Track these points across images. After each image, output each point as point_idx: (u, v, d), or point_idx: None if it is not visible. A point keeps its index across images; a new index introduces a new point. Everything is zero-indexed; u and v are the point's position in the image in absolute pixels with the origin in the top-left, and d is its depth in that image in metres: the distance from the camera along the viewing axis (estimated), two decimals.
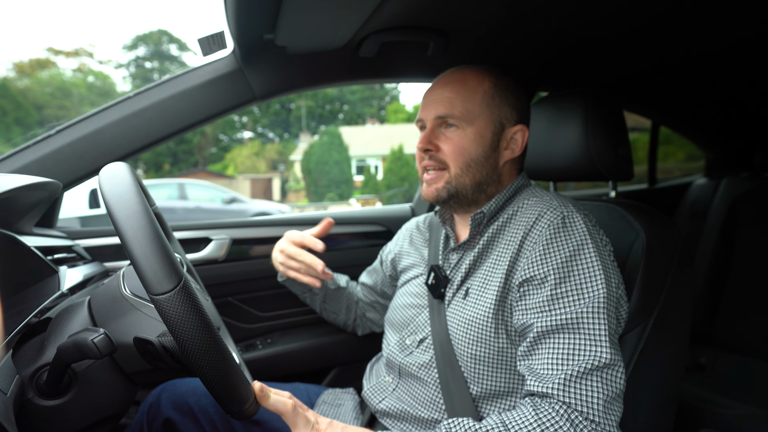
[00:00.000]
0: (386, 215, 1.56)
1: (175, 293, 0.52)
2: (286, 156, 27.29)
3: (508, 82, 0.91)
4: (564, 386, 0.69)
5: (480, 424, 0.70)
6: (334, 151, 19.16)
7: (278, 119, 30.88)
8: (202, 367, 0.54)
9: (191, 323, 0.52)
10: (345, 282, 1.25)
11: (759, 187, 1.84)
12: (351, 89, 30.52)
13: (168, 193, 10.25)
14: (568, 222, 0.79)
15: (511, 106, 0.90)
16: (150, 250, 0.52)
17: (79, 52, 26.44)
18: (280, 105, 30.15)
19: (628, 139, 1.00)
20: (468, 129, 0.87)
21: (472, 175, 0.89)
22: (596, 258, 0.76)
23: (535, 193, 0.90)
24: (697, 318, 1.79)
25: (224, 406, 0.58)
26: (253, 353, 1.33)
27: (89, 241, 1.18)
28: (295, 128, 30.58)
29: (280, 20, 0.91)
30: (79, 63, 25.76)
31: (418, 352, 0.92)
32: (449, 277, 0.93)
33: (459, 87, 0.88)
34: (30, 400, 0.60)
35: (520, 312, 0.78)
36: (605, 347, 0.70)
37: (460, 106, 0.87)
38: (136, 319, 0.66)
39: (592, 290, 0.73)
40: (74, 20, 40.44)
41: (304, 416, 0.68)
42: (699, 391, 1.51)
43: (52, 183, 0.86)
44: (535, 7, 0.95)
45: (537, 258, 0.78)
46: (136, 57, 31.17)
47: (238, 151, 27.96)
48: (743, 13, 1.04)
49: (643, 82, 1.66)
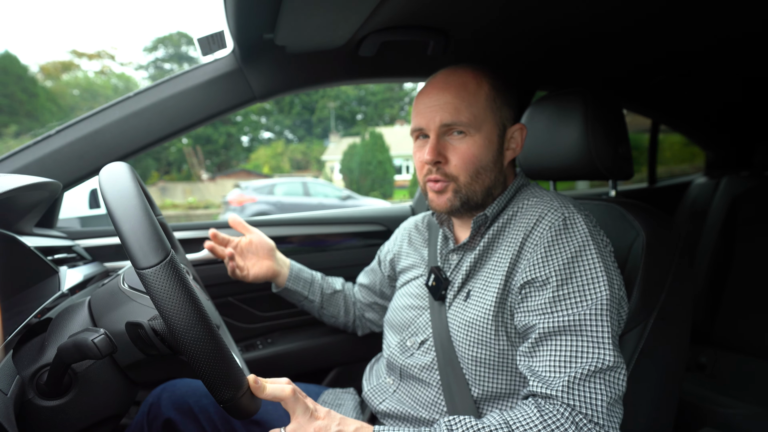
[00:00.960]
0: (386, 215, 1.56)
1: (161, 267, 0.52)
2: (309, 156, 27.64)
3: (503, 81, 0.90)
4: (568, 389, 0.68)
5: (482, 422, 0.70)
6: (377, 152, 19.63)
7: (301, 120, 31.09)
8: (188, 345, 0.53)
9: (177, 298, 0.52)
10: (340, 284, 1.24)
11: (759, 186, 1.84)
12: (372, 91, 30.70)
13: (294, 189, 11.12)
14: (569, 223, 0.79)
15: (510, 106, 0.89)
16: (138, 225, 0.53)
17: (101, 55, 26.94)
18: (302, 106, 30.40)
19: (627, 139, 1.00)
20: (476, 135, 0.84)
21: (482, 181, 0.86)
22: (598, 259, 0.75)
23: (535, 192, 0.90)
24: (697, 317, 1.79)
25: (216, 394, 0.57)
26: (253, 353, 1.33)
27: (89, 241, 1.18)
28: (318, 129, 30.77)
29: (279, 20, 0.91)
30: (102, 65, 26.32)
31: (420, 353, 0.92)
32: (450, 279, 0.92)
33: (461, 91, 0.84)
34: (30, 400, 0.60)
35: (521, 314, 0.78)
36: (609, 350, 0.70)
37: (467, 112, 0.83)
38: (130, 308, 0.67)
39: (595, 292, 0.73)
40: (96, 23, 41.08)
41: (303, 403, 0.68)
42: (699, 390, 1.51)
43: (52, 183, 0.86)
44: (534, 5, 0.95)
45: (539, 260, 0.77)
46: (156, 59, 31.75)
47: (263, 152, 28.29)
48: (741, 9, 1.04)
49: (643, 81, 1.66)
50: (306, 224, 1.43)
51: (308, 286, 1.19)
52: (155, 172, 24.61)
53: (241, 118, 29.74)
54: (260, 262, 1.13)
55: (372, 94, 32.21)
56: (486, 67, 0.90)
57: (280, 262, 1.16)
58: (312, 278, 1.20)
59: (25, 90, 20.74)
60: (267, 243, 1.14)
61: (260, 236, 1.14)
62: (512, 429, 0.68)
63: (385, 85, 16.73)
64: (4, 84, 20.16)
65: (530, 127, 1.05)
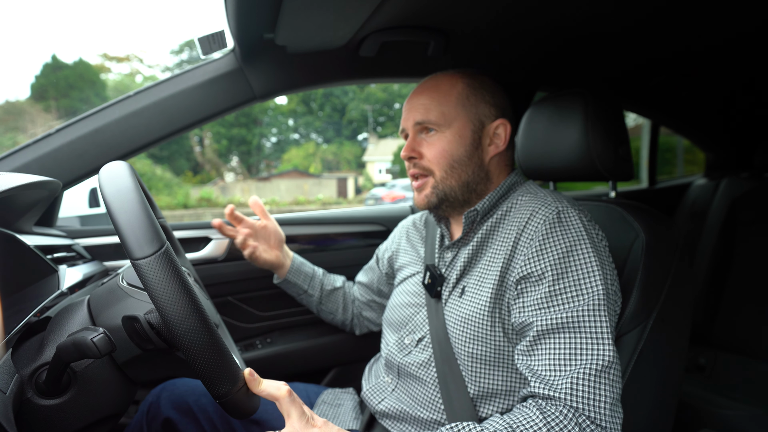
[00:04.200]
0: (385, 215, 1.56)
1: (155, 258, 0.52)
2: (339, 157, 28.11)
3: (482, 81, 0.92)
4: (571, 390, 0.68)
5: (484, 427, 0.69)
6: None
7: (329, 121, 31.46)
8: (182, 337, 0.53)
9: (172, 288, 0.52)
10: (341, 282, 1.26)
11: (759, 188, 1.84)
12: (400, 93, 30.92)
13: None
14: (563, 217, 0.79)
15: (488, 103, 0.91)
16: (133, 217, 0.53)
17: (130, 58, 27.51)
18: (332, 108, 30.84)
19: (628, 140, 1.00)
20: (447, 131, 0.89)
21: (458, 175, 0.90)
22: (593, 253, 0.76)
23: (530, 189, 0.91)
24: (696, 318, 1.79)
25: (212, 389, 0.56)
26: (252, 353, 1.33)
27: (89, 240, 1.18)
28: (347, 131, 31.13)
29: (280, 20, 0.91)
30: (131, 68, 26.94)
31: (417, 351, 0.92)
32: (444, 276, 0.93)
33: (433, 92, 0.91)
34: (29, 399, 0.60)
35: (518, 310, 0.78)
36: (608, 346, 0.71)
37: (436, 110, 0.89)
38: (128, 303, 0.67)
39: (590, 287, 0.74)
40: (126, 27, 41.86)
41: (299, 407, 0.66)
42: (699, 391, 1.51)
43: (52, 182, 0.86)
44: (533, 5, 0.95)
45: (534, 254, 0.78)
46: (181, 61, 32.62)
47: (295, 152, 28.74)
48: (741, 9, 1.04)
49: (643, 82, 1.66)
50: (306, 224, 1.43)
51: (308, 280, 1.20)
52: (188, 172, 25.25)
53: (268, 119, 30.23)
54: (270, 249, 1.17)
55: (400, 96, 32.41)
56: (465, 70, 0.94)
57: (285, 253, 1.20)
58: (313, 273, 1.22)
59: (98, 95, 22.72)
60: (279, 233, 1.19)
61: (275, 225, 1.19)
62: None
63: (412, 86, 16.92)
64: (81, 89, 22.01)
65: (530, 127, 1.05)
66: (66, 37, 38.06)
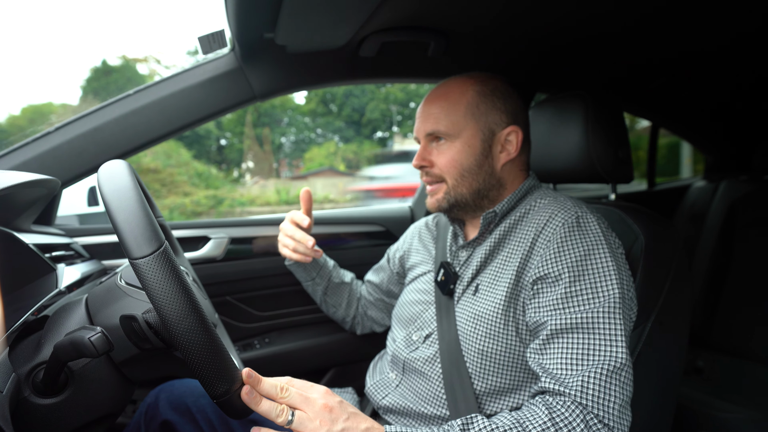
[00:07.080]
0: (384, 215, 1.56)
1: (154, 257, 0.52)
2: (360, 156, 28.35)
3: (494, 86, 0.91)
4: (582, 387, 0.69)
5: (494, 422, 0.69)
6: None
7: (349, 121, 31.58)
8: (180, 337, 0.53)
9: (170, 288, 0.52)
10: (350, 278, 1.27)
11: (758, 190, 1.85)
12: (418, 93, 31.06)
13: None
14: (582, 222, 0.80)
15: (499, 110, 0.90)
16: (132, 216, 0.53)
17: (147, 59, 27.63)
18: (351, 108, 31.01)
19: (628, 142, 1.00)
20: (456, 141, 0.90)
21: (468, 184, 0.91)
22: (611, 258, 0.76)
23: (548, 194, 0.91)
24: (695, 321, 1.80)
25: (209, 388, 0.56)
26: (250, 353, 1.33)
27: (87, 238, 1.18)
28: (366, 130, 31.30)
29: (280, 19, 0.91)
30: (149, 69, 27.11)
31: (424, 347, 0.93)
32: (459, 274, 0.94)
33: (443, 101, 0.91)
34: (26, 398, 0.60)
35: (533, 309, 0.79)
36: (622, 348, 0.71)
37: (445, 120, 0.90)
38: (126, 303, 0.67)
39: (607, 290, 0.74)
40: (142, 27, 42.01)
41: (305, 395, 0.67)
42: (696, 394, 1.51)
43: (51, 180, 0.85)
44: (533, 5, 0.95)
45: (551, 255, 0.78)
46: (197, 62, 32.51)
47: (316, 151, 28.96)
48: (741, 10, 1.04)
49: (643, 84, 1.66)
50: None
51: (318, 268, 1.21)
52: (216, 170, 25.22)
53: (287, 119, 30.38)
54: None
55: (418, 96, 32.45)
56: (478, 75, 0.93)
57: None
58: (324, 262, 1.23)
59: None
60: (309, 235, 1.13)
61: (311, 223, 1.13)
62: (524, 428, 0.68)
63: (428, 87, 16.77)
64: (125, 90, 22.09)
65: (530, 129, 1.05)
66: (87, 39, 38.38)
